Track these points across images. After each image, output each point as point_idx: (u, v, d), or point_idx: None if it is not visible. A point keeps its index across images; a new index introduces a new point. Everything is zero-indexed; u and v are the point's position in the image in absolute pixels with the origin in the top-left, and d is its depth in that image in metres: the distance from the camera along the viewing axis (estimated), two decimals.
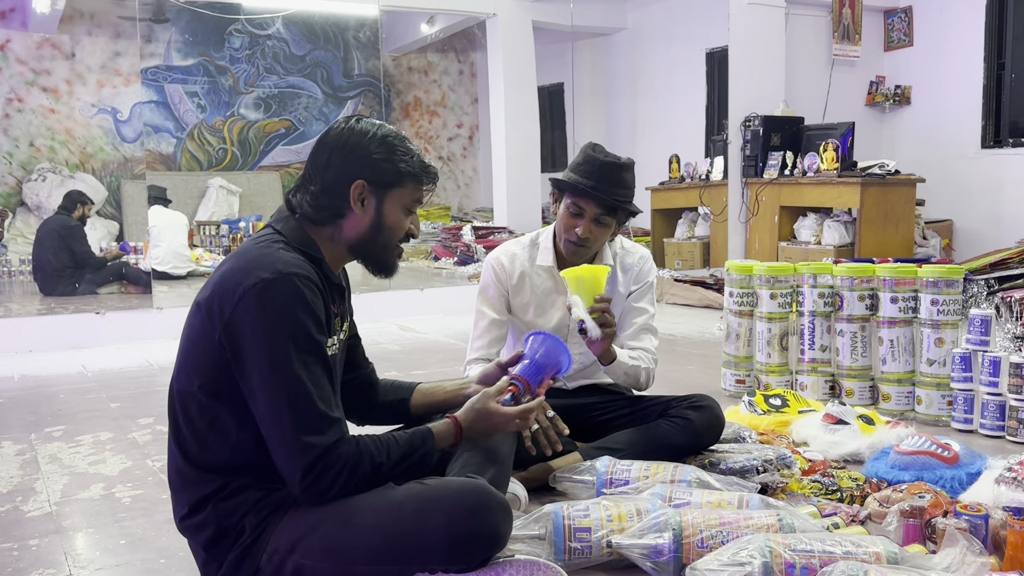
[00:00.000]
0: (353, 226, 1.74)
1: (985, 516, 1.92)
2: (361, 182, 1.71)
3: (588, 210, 2.43)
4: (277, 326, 1.58)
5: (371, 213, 1.74)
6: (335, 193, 1.71)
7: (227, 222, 9.13)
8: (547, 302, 2.61)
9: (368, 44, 10.50)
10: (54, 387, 4.15)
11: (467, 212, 11.08)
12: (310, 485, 1.59)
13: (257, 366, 1.58)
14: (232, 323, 1.59)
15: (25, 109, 8.03)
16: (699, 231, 7.82)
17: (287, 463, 1.59)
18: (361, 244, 1.76)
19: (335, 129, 1.75)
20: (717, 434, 2.52)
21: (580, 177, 2.43)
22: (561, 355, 1.96)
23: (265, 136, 10.08)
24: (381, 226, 1.75)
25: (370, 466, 1.63)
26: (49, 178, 7.94)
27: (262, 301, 1.58)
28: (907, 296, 3.20)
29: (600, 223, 2.44)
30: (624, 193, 2.44)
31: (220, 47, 9.72)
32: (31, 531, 2.30)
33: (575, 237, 2.46)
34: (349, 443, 1.62)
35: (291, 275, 1.60)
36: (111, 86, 8.40)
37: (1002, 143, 7.02)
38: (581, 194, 2.42)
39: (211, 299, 1.63)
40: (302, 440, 1.57)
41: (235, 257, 1.68)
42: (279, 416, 1.57)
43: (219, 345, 1.61)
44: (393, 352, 4.93)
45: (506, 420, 1.83)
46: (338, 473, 1.59)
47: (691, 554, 1.80)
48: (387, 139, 1.73)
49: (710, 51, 8.36)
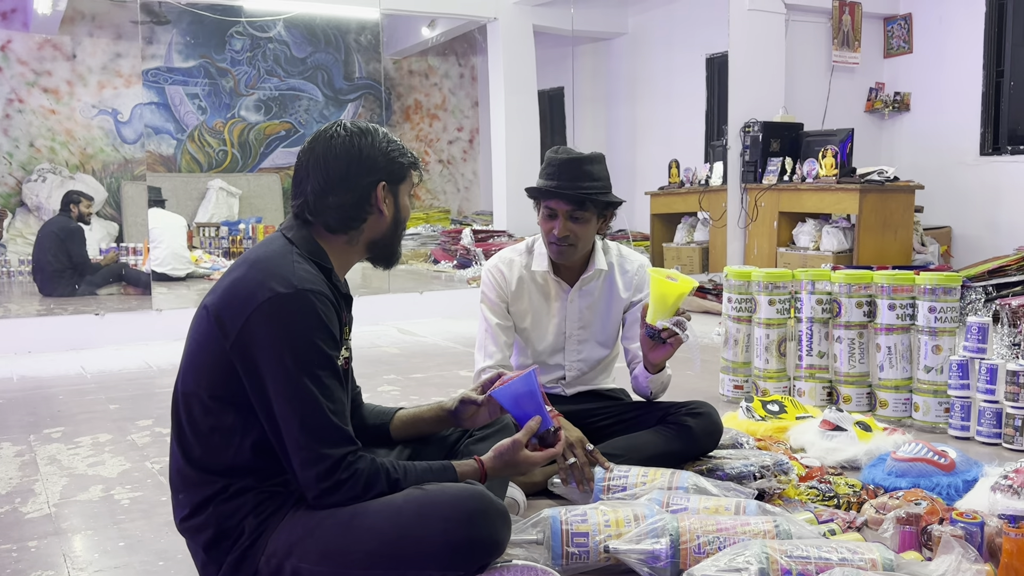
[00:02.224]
0: (376, 226, 1.80)
1: (981, 523, 1.93)
2: (383, 184, 1.77)
3: (559, 209, 2.46)
4: (291, 341, 1.59)
5: (392, 210, 1.81)
6: (362, 199, 1.76)
7: (227, 224, 9.13)
8: (543, 308, 2.62)
9: (369, 47, 10.52)
10: (53, 388, 4.15)
11: (467, 215, 11.09)
12: (324, 494, 1.60)
13: (270, 379, 1.59)
14: (244, 336, 1.60)
15: (26, 110, 8.03)
16: (698, 236, 7.83)
17: (302, 473, 1.61)
18: (383, 240, 1.83)
19: (338, 139, 1.75)
20: (715, 441, 2.53)
21: (545, 180, 2.48)
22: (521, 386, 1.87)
23: (265, 138, 10.08)
24: (399, 220, 1.83)
25: (387, 483, 1.65)
26: (49, 179, 7.94)
27: (277, 316, 1.59)
28: (905, 303, 3.21)
29: (575, 219, 2.46)
30: (591, 185, 2.45)
31: (221, 49, 9.73)
32: (30, 533, 2.31)
33: (554, 238, 2.49)
34: (365, 458, 1.64)
35: (306, 291, 1.62)
36: (112, 87, 8.40)
37: (1001, 150, 7.03)
38: (547, 195, 2.46)
39: (221, 307, 1.64)
40: (316, 451, 1.59)
41: (247, 265, 1.68)
42: (292, 429, 1.59)
43: (229, 354, 1.62)
44: (392, 355, 4.93)
45: (531, 464, 1.84)
46: (352, 485, 1.61)
47: (688, 559, 1.81)
48: (379, 140, 1.78)
49: (710, 56, 8.37)
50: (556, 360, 2.65)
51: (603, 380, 2.72)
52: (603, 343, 2.66)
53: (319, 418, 1.59)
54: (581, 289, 2.61)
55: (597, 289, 2.63)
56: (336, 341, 1.66)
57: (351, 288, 1.92)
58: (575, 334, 2.63)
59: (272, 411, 1.60)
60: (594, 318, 2.63)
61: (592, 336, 2.63)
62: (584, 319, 2.62)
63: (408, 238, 9.50)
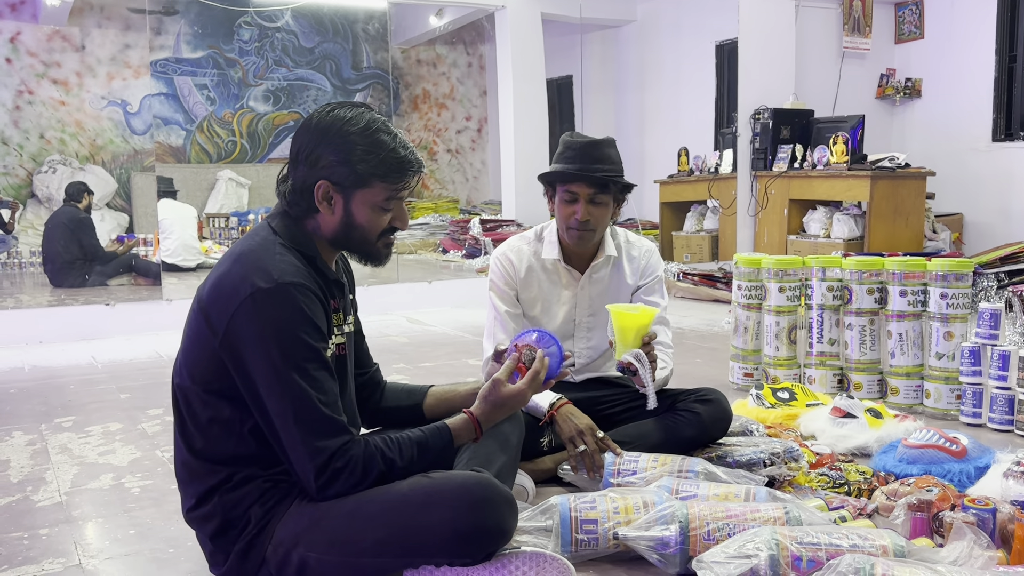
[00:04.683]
0: (326, 223, 1.72)
1: (993, 510, 1.92)
2: (324, 183, 1.68)
3: (581, 192, 2.43)
4: (276, 336, 1.58)
5: (339, 213, 1.70)
6: (304, 191, 1.69)
7: (236, 214, 9.15)
8: (553, 296, 2.61)
9: (377, 36, 10.50)
10: (64, 378, 4.17)
11: (475, 205, 11.08)
12: (323, 486, 1.60)
13: (259, 375, 1.59)
14: (230, 333, 1.60)
15: (35, 101, 8.05)
16: (708, 224, 7.80)
17: (299, 467, 1.61)
18: (337, 240, 1.74)
19: (312, 119, 1.70)
20: (725, 428, 2.52)
21: (564, 164, 2.45)
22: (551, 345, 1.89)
23: (274, 128, 10.09)
24: (352, 225, 1.71)
25: (383, 463, 1.64)
26: (59, 170, 7.96)
27: (259, 311, 1.58)
28: (916, 290, 3.19)
29: (596, 203, 2.45)
30: (611, 168, 2.44)
31: (229, 39, 9.73)
32: (41, 520, 2.32)
33: (575, 223, 2.46)
34: (359, 443, 1.63)
35: (287, 285, 1.60)
36: (121, 78, 8.41)
37: (1013, 136, 6.97)
38: (570, 179, 2.43)
39: (208, 304, 1.64)
40: (312, 445, 1.59)
41: (231, 260, 1.67)
42: (286, 423, 1.59)
43: (218, 351, 1.62)
44: (401, 344, 4.93)
45: (520, 396, 1.80)
46: (350, 473, 1.61)
47: (697, 546, 1.81)
48: (350, 136, 1.66)
49: (720, 43, 8.33)
50: (565, 347, 2.64)
51: (611, 367, 2.71)
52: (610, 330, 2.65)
53: (311, 411, 1.59)
54: (591, 276, 2.60)
55: (606, 276, 2.62)
56: (322, 333, 1.65)
57: (361, 277, 1.91)
58: (584, 321, 2.62)
59: (265, 407, 1.60)
60: (603, 305, 2.61)
61: (601, 323, 2.63)
62: (594, 306, 2.61)
63: (417, 228, 9.49)
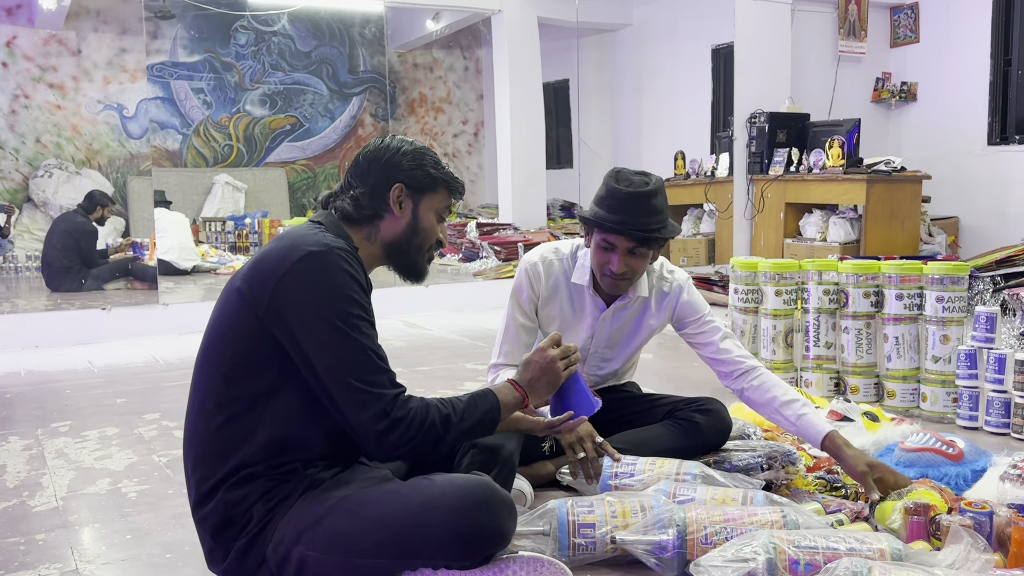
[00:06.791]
0: (390, 227, 1.83)
1: (990, 513, 1.92)
2: (400, 185, 1.81)
3: (620, 244, 2.31)
4: (330, 293, 1.63)
5: (408, 215, 1.84)
6: (376, 195, 1.81)
7: (233, 218, 9.13)
8: (574, 320, 2.54)
9: (373, 40, 10.50)
10: (60, 382, 4.16)
11: (472, 209, 11.08)
12: (382, 434, 1.61)
13: (312, 332, 1.62)
14: (278, 296, 1.63)
15: (31, 105, 8.04)
16: (704, 228, 7.81)
17: (357, 417, 1.62)
18: (397, 244, 1.84)
19: (372, 144, 1.87)
20: (724, 438, 2.52)
21: (606, 213, 2.30)
22: None
23: (271, 132, 10.08)
24: (416, 228, 1.85)
25: (439, 417, 1.67)
26: (55, 174, 7.95)
27: (312, 271, 1.64)
28: (912, 293, 3.20)
29: (635, 254, 2.33)
30: (656, 220, 2.30)
31: (226, 43, 9.73)
32: (37, 526, 2.32)
33: (610, 272, 2.36)
34: (414, 397, 1.68)
35: (339, 249, 1.67)
36: (117, 82, 8.40)
37: (1008, 140, 6.99)
38: (610, 231, 2.31)
39: (250, 278, 1.68)
40: (369, 391, 1.61)
41: (275, 240, 1.75)
42: (342, 374, 1.61)
43: (262, 322, 1.64)
44: (398, 348, 4.93)
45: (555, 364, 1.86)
46: (410, 422, 1.63)
47: (695, 550, 1.81)
48: (419, 150, 1.85)
49: (716, 47, 8.34)
50: None
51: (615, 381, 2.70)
52: (625, 359, 2.63)
53: (367, 363, 1.63)
54: (616, 313, 2.52)
55: (631, 315, 2.54)
56: (368, 298, 1.71)
57: None
58: (600, 352, 2.58)
59: (315, 368, 1.62)
60: (621, 339, 2.57)
61: (616, 356, 2.60)
62: (612, 340, 2.57)
63: None
